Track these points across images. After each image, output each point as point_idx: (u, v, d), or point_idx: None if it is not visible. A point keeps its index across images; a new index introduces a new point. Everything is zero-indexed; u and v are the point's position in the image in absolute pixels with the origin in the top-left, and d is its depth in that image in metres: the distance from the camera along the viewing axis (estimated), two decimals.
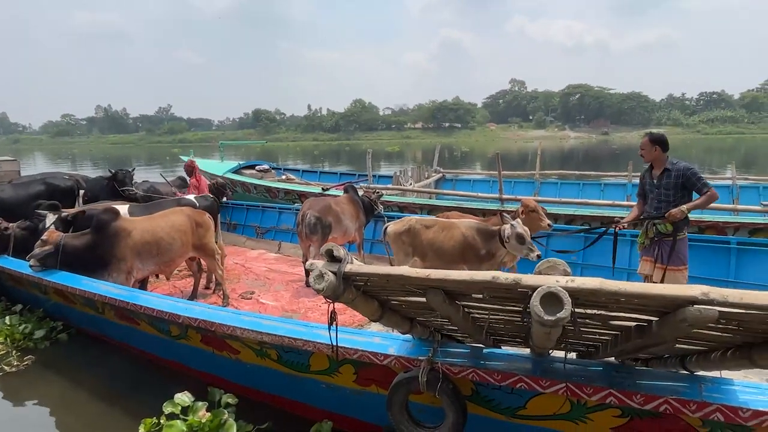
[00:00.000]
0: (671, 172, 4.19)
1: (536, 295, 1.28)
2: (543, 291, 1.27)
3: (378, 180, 10.91)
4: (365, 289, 1.74)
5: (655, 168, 4.34)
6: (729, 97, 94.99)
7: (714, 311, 1.17)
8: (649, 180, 4.38)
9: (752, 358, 1.59)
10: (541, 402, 2.48)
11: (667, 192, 4.21)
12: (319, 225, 5.82)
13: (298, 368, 3.28)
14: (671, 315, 1.30)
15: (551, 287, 1.26)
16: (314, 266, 1.59)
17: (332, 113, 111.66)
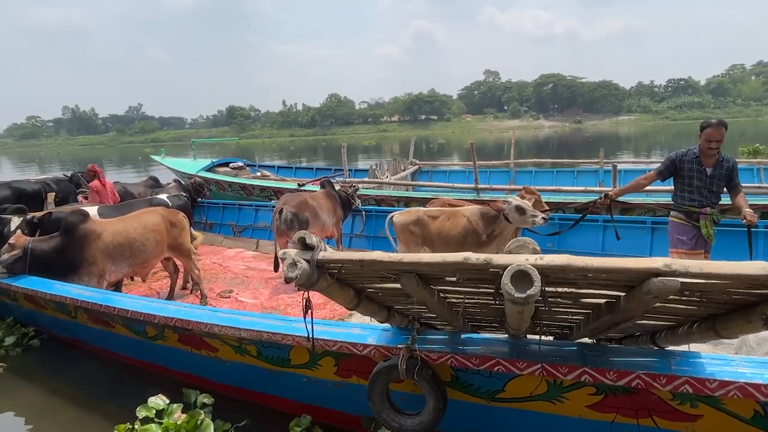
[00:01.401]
0: (724, 163, 4.09)
1: (507, 274, 1.30)
2: (513, 269, 1.29)
3: (354, 174, 10.87)
4: (339, 276, 1.73)
5: (707, 157, 4.10)
6: (696, 84, 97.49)
7: (676, 282, 1.21)
8: (697, 167, 4.12)
9: (716, 329, 1.64)
10: (518, 384, 2.51)
11: (720, 183, 4.10)
12: (296, 221, 5.78)
13: (278, 363, 3.27)
14: (637, 288, 1.34)
15: (521, 265, 1.28)
16: (287, 255, 1.58)
17: (308, 108, 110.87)
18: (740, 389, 2.00)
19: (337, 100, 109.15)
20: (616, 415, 2.39)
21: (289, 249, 1.61)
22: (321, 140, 78.10)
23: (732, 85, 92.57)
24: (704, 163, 4.10)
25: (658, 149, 34.55)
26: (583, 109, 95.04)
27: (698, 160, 4.11)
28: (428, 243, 5.05)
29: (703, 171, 4.10)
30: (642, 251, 5.25)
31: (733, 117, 79.13)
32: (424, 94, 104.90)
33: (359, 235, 7.36)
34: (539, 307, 1.71)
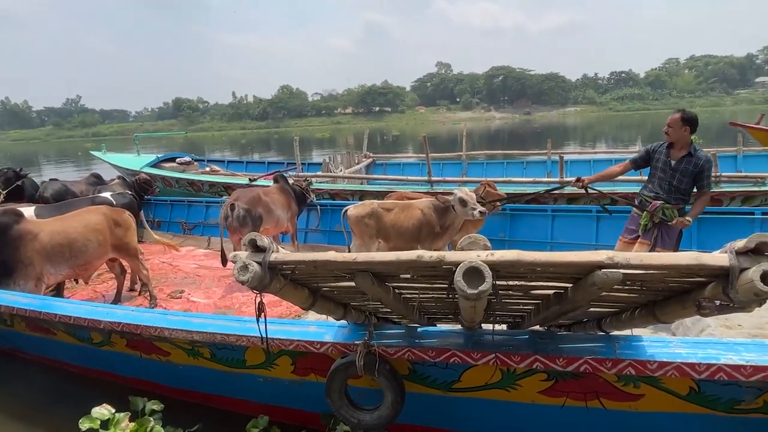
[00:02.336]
0: (692, 158, 3.95)
1: (459, 271, 1.32)
2: (465, 266, 1.31)
3: (308, 168, 10.72)
4: (293, 277, 1.71)
5: (676, 149, 4.04)
6: (636, 76, 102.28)
7: (618, 273, 1.26)
8: (664, 159, 4.07)
9: (655, 314, 1.74)
10: (474, 374, 2.57)
11: (681, 178, 3.98)
12: (248, 217, 5.65)
13: (233, 364, 3.20)
14: (583, 280, 1.39)
15: (472, 262, 1.31)
16: (237, 257, 1.54)
17: (259, 100, 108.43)
18: (677, 369, 2.13)
19: (290, 91, 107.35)
20: (566, 399, 2.49)
21: (239, 251, 1.57)
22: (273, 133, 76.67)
23: (668, 78, 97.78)
24: (672, 154, 4.06)
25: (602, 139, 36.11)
26: (532, 101, 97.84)
27: (668, 151, 4.08)
28: (383, 236, 5.08)
29: (668, 163, 4.04)
30: (588, 239, 5.48)
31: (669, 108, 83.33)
32: (378, 86, 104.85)
33: (315, 229, 7.29)
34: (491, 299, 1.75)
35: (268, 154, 36.64)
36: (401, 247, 5.26)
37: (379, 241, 5.13)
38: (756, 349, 2.12)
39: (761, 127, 13.19)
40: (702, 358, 2.10)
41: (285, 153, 32.33)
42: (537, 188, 7.31)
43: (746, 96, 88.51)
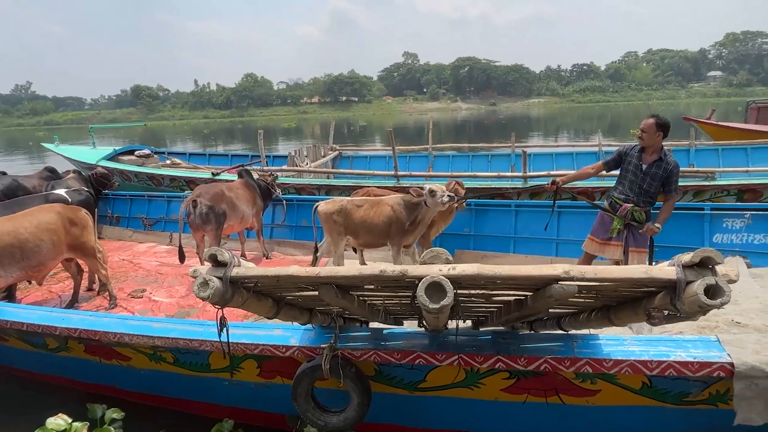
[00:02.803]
0: (662, 163, 4.04)
1: (421, 286, 1.33)
2: (427, 281, 1.33)
3: (273, 161, 10.54)
4: (256, 289, 1.69)
5: (648, 153, 4.11)
6: (597, 69, 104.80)
7: (574, 287, 1.31)
8: (636, 162, 4.14)
9: (610, 318, 1.81)
10: (439, 374, 2.62)
11: (651, 182, 4.06)
12: (212, 214, 5.53)
13: (197, 369, 3.15)
14: (541, 291, 1.43)
15: (434, 277, 1.33)
16: (198, 273, 1.51)
17: (222, 88, 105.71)
18: (631, 366, 2.23)
19: (254, 80, 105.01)
20: (528, 396, 2.57)
21: (199, 267, 1.54)
22: (237, 122, 75.08)
23: (627, 70, 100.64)
24: (644, 158, 4.11)
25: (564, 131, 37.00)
26: (498, 92, 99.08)
27: (640, 155, 4.13)
28: (352, 232, 5.08)
29: (640, 166, 4.10)
30: (549, 233, 5.63)
31: (628, 101, 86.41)
32: (345, 75, 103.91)
33: (281, 225, 7.21)
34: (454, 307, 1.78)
35: (233, 144, 35.88)
36: (370, 244, 5.26)
37: (348, 237, 5.13)
38: (703, 346, 2.24)
39: (712, 122, 13.82)
40: (653, 356, 2.21)
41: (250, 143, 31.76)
42: (501, 183, 7.45)
43: (699, 89, 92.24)
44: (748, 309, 3.39)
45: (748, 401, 2.11)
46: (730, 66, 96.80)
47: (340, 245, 5.14)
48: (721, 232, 4.86)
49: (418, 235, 5.06)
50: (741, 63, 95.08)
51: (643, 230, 4.06)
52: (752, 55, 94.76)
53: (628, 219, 4.13)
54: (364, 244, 5.26)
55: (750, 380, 2.08)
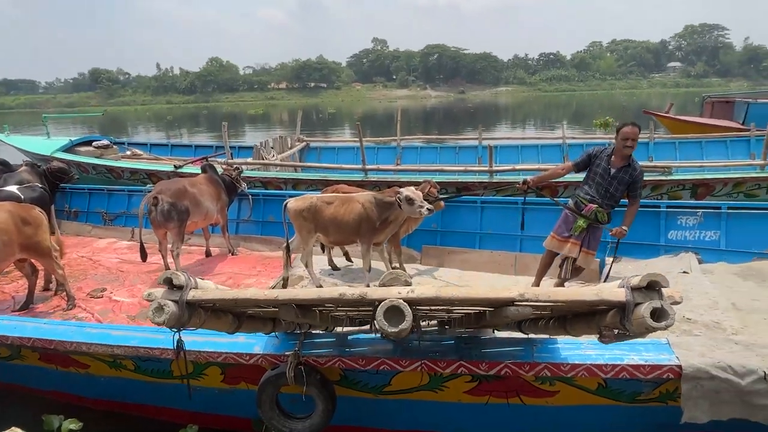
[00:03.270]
0: (629, 169, 4.15)
1: (380, 310, 1.34)
2: (386, 305, 1.34)
3: (238, 152, 10.30)
4: (215, 307, 1.67)
5: (618, 158, 4.20)
6: (563, 58, 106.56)
7: (528, 309, 1.34)
8: (605, 166, 4.21)
9: (566, 328, 1.87)
10: (403, 378, 2.65)
11: (618, 186, 4.17)
12: (174, 211, 5.39)
13: (159, 375, 3.09)
14: (497, 310, 1.46)
15: (393, 301, 1.33)
16: (152, 297, 1.47)
17: (186, 73, 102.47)
18: (587, 369, 2.32)
19: (219, 64, 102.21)
20: (489, 397, 2.64)
21: (154, 289, 1.51)
22: (202, 108, 73.02)
23: (592, 60, 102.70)
24: (612, 162, 4.19)
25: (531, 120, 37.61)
26: (466, 80, 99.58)
27: (609, 159, 4.21)
28: (322, 229, 5.04)
29: (608, 170, 4.19)
30: (515, 229, 5.74)
31: (592, 90, 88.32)
32: (313, 61, 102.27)
33: (247, 220, 7.09)
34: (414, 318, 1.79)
35: (198, 131, 34.97)
36: (340, 241, 5.23)
37: (318, 234, 5.09)
38: (654, 349, 2.35)
39: (670, 116, 14.30)
40: (608, 360, 2.30)
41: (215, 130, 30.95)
42: (468, 177, 7.52)
43: (660, 80, 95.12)
44: (699, 305, 3.57)
45: (693, 401, 2.23)
46: (689, 57, 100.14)
47: (309, 242, 5.10)
48: (676, 229, 5.07)
49: (389, 234, 5.05)
50: (699, 55, 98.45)
51: (612, 232, 4.16)
52: (709, 48, 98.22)
53: (592, 219, 4.23)
54: (334, 241, 5.23)
55: (696, 381, 2.20)
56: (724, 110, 14.06)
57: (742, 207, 5.02)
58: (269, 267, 6.03)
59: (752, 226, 4.80)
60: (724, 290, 3.68)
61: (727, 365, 2.17)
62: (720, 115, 14.02)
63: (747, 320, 3.33)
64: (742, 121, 12.37)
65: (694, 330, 3.24)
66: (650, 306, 1.27)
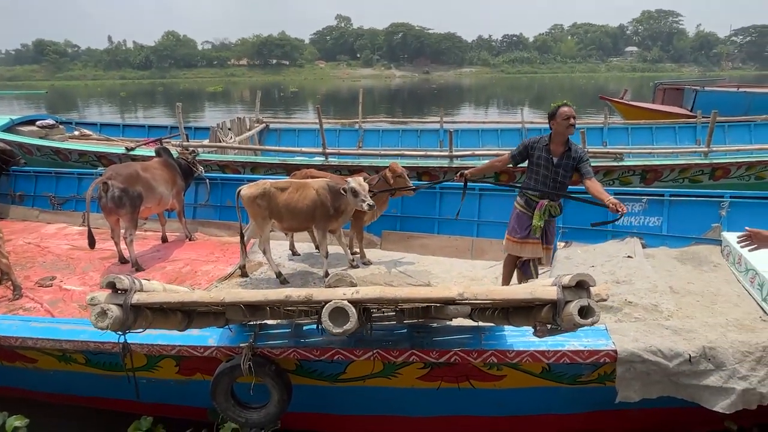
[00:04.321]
0: (571, 153, 4.01)
1: (325, 312, 1.37)
2: (331, 307, 1.37)
3: (194, 134, 9.95)
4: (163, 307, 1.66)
5: (557, 145, 4.02)
6: (525, 40, 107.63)
7: (467, 308, 1.41)
8: (546, 156, 4.03)
9: (509, 319, 1.96)
10: (358, 366, 2.72)
11: (565, 173, 4.02)
12: (125, 197, 5.22)
13: (111, 368, 3.05)
14: (441, 307, 1.52)
15: (337, 303, 1.37)
16: (95, 301, 1.45)
17: (140, 47, 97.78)
18: (531, 356, 2.44)
19: (176, 38, 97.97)
20: (441, 382, 2.75)
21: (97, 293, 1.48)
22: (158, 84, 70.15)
23: (553, 43, 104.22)
24: (552, 151, 4.04)
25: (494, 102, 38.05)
26: (431, 60, 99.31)
27: (548, 148, 4.04)
28: (276, 216, 5.01)
29: (550, 160, 4.03)
30: (472, 215, 5.87)
31: (553, 73, 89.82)
32: (275, 37, 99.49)
33: (204, 205, 6.94)
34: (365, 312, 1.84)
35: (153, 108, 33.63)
36: (295, 228, 5.22)
37: (272, 221, 5.06)
38: (593, 335, 2.49)
39: (624, 102, 14.77)
40: (551, 346, 2.42)
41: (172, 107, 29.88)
42: (429, 162, 7.60)
43: (617, 64, 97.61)
44: (640, 289, 3.77)
45: (627, 382, 2.39)
46: (645, 42, 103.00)
47: (265, 229, 5.06)
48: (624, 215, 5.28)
49: (343, 222, 5.06)
50: (654, 40, 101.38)
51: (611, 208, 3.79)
52: (664, 33, 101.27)
53: (546, 216, 4.12)
54: (289, 228, 5.21)
55: (629, 364, 2.35)
56: (674, 97, 14.62)
57: (682, 194, 5.29)
58: (228, 253, 5.97)
59: (691, 212, 5.08)
60: (663, 274, 3.90)
61: (658, 349, 2.33)
62: (670, 101, 14.58)
63: (682, 303, 3.55)
64: (691, 107, 12.91)
65: (634, 313, 3.43)
66: (578, 305, 1.35)
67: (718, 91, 14.26)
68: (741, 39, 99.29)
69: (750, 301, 3.64)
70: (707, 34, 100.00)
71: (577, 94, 38.19)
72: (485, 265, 5.22)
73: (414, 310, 2.01)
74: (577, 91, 43.34)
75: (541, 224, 4.12)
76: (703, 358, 2.33)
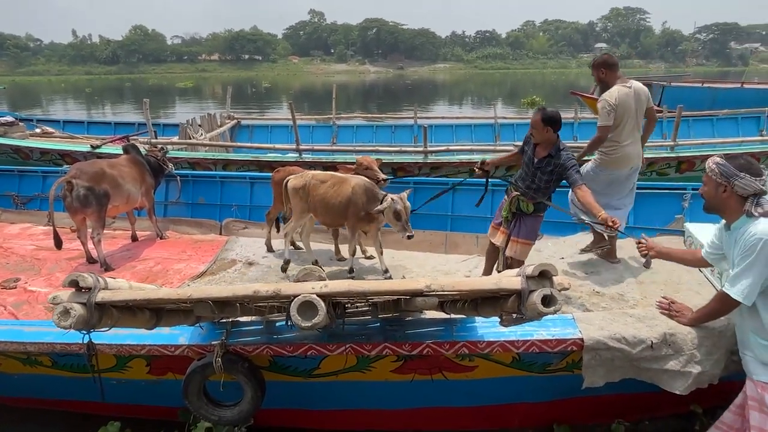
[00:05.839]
0: (552, 160, 3.78)
1: (293, 306, 1.38)
2: (299, 301, 1.38)
3: (163, 131, 9.73)
4: (129, 305, 1.63)
5: (541, 147, 3.87)
6: (498, 36, 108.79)
7: (434, 299, 1.43)
8: (530, 154, 3.94)
9: (477, 310, 2.00)
10: (332, 361, 2.73)
11: (541, 177, 3.86)
12: (91, 196, 5.07)
13: (79, 370, 2.98)
14: (409, 299, 1.55)
15: (306, 297, 1.38)
16: (58, 300, 1.42)
17: (107, 41, 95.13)
18: (501, 346, 2.49)
19: (144, 32, 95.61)
20: (414, 375, 2.78)
21: (60, 292, 1.45)
22: (126, 80, 68.27)
23: (526, 39, 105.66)
24: (537, 152, 3.91)
25: (468, 97, 38.35)
26: (405, 56, 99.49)
27: (534, 147, 3.94)
28: (312, 209, 4.85)
29: (532, 159, 3.91)
30: (445, 209, 5.94)
31: (526, 68, 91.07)
32: (247, 32, 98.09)
33: (175, 202, 6.82)
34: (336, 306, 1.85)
35: (121, 105, 32.75)
36: (329, 223, 4.99)
37: (310, 214, 4.92)
38: (561, 324, 2.56)
39: (595, 97, 15.06)
40: (520, 335, 2.48)
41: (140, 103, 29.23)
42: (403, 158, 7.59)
43: (587, 60, 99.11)
44: (607, 279, 3.90)
45: (593, 368, 2.47)
46: (614, 39, 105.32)
47: (299, 221, 4.96)
48: None
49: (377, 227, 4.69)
50: (623, 37, 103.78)
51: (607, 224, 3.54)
52: (632, 30, 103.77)
53: (514, 206, 4.03)
54: (323, 222, 5.03)
55: (595, 352, 2.43)
56: None
57: (647, 187, 5.45)
58: (200, 251, 5.87)
59: (656, 204, 5.24)
60: (628, 264, 4.02)
61: (622, 336, 2.41)
62: None
63: (646, 291, 3.68)
64: (658, 102, 13.27)
65: (601, 303, 3.55)
66: (541, 294, 1.40)
67: (684, 87, 14.72)
68: (704, 36, 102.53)
69: (710, 289, 3.79)
70: (673, 31, 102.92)
71: (549, 90, 38.77)
72: (458, 259, 5.27)
73: (387, 303, 2.03)
74: (548, 87, 44.03)
75: (506, 214, 4.07)
76: (664, 344, 2.42)
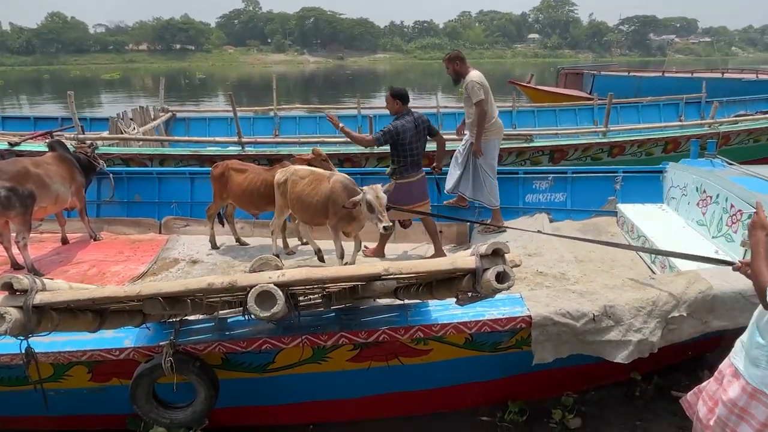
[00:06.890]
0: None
1: (251, 297, 1.35)
2: (256, 291, 1.35)
3: (91, 126, 9.12)
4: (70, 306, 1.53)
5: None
6: (436, 27, 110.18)
7: (393, 282, 1.45)
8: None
9: (433, 292, 2.04)
10: (287, 354, 2.69)
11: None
12: (14, 197, 4.70)
13: (11, 383, 2.77)
14: (367, 285, 1.55)
15: (263, 287, 1.35)
16: None
17: (19, 29, 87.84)
18: (454, 327, 2.56)
19: (62, 20, 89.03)
20: (371, 362, 2.80)
21: None
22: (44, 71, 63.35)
23: (462, 29, 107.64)
24: None
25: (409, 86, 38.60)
26: (345, 46, 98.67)
27: None
28: (291, 205, 4.68)
29: None
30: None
31: None
32: (177, 20, 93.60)
33: (109, 201, 6.42)
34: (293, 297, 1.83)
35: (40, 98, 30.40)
36: (308, 221, 4.79)
37: (289, 210, 4.78)
38: (510, 303, 2.66)
39: (531, 86, 15.66)
40: (472, 317, 2.55)
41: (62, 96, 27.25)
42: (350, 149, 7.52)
43: (522, 50, 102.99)
44: (549, 260, 4.08)
45: (541, 344, 2.59)
46: (545, 30, 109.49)
47: (281, 217, 4.85)
48: (532, 193, 5.67)
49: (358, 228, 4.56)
50: (553, 27, 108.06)
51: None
52: (561, 21, 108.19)
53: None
54: (302, 220, 4.86)
55: (543, 328, 2.54)
56: (575, 81, 15.76)
57: (583, 171, 5.74)
58: (139, 251, 5.59)
59: (591, 187, 5.54)
60: (568, 245, 4.23)
61: (566, 311, 2.54)
62: (572, 85, 15.70)
63: (585, 269, 3.89)
64: (590, 90, 13.98)
65: (545, 282, 3.72)
66: (495, 271, 1.45)
67: (612, 76, 15.58)
68: (627, 28, 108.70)
69: (641, 264, 4.08)
70: (599, 23, 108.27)
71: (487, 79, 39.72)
72: (409, 247, 5.37)
73: (341, 293, 2.02)
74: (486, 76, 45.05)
75: None
76: (605, 315, 2.57)
